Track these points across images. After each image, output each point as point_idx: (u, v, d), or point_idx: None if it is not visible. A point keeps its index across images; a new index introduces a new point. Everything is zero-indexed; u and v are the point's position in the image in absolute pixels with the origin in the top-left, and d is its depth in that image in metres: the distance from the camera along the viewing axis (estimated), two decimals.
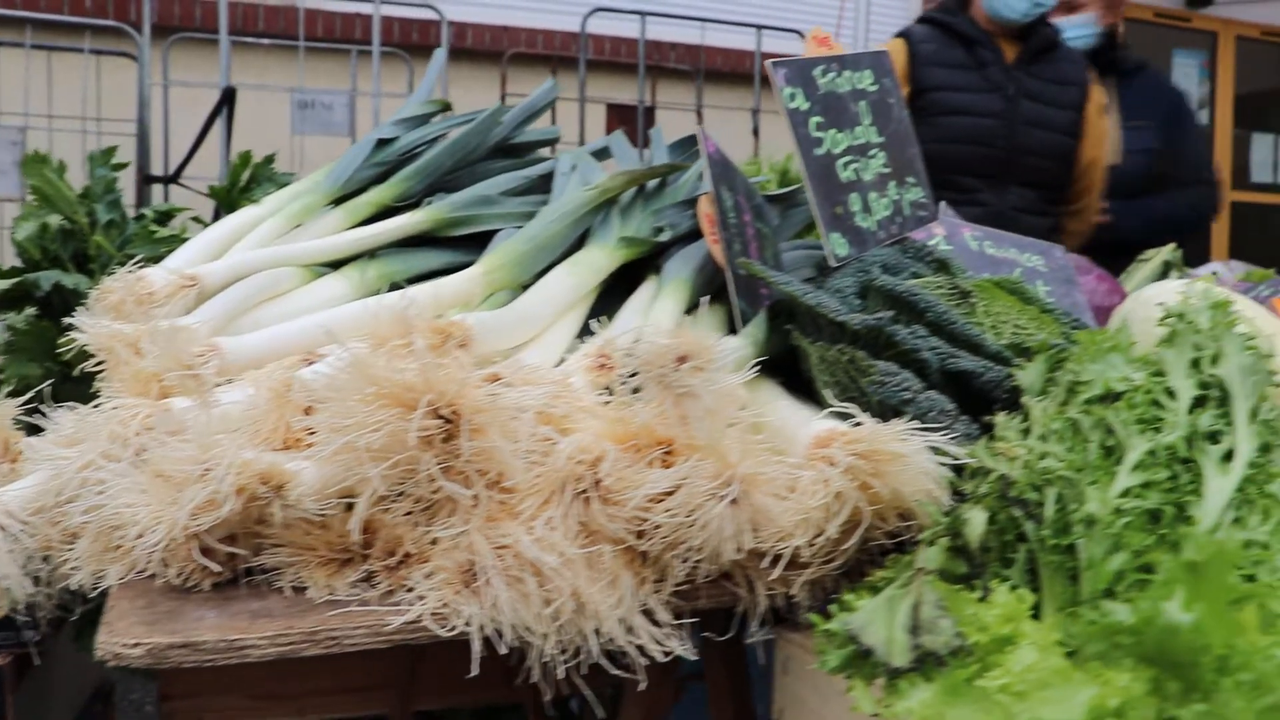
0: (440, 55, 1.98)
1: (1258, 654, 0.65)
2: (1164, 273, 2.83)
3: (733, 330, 1.29)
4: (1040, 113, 3.13)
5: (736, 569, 0.98)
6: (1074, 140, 3.21)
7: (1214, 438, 0.88)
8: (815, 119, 1.31)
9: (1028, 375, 1.05)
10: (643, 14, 4.39)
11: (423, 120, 1.80)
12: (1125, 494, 0.84)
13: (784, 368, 1.25)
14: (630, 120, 5.01)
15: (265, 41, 4.67)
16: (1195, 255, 7.74)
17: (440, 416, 0.90)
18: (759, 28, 4.64)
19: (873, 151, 1.40)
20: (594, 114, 5.05)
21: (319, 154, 4.86)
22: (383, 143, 1.66)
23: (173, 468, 0.93)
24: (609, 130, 5.08)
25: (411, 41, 5.27)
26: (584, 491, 0.91)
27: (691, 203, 1.46)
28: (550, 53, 5.29)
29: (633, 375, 0.85)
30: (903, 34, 3.16)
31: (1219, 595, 0.66)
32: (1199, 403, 0.90)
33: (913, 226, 1.45)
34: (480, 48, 5.46)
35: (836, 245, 1.30)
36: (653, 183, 1.54)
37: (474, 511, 0.93)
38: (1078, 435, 0.91)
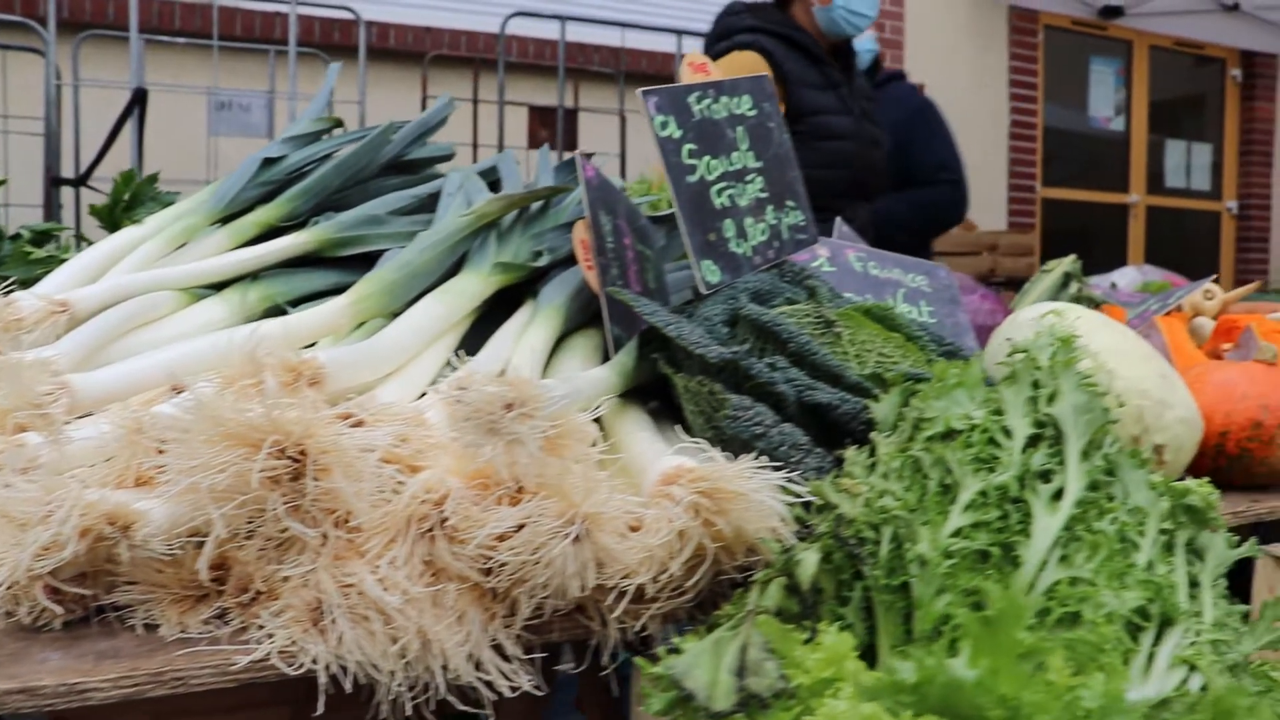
0: (333, 71, 1.97)
1: (1047, 707, 0.67)
2: (1064, 283, 2.88)
3: (609, 356, 1.30)
4: (874, 132, 3.17)
5: (589, 602, 0.99)
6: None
7: (1046, 476, 0.90)
8: (688, 146, 1.33)
9: (881, 408, 1.07)
10: (562, 18, 4.40)
11: (314, 137, 1.79)
12: (956, 534, 0.87)
13: (662, 393, 1.27)
14: (553, 123, 5.01)
15: (180, 40, 4.61)
16: (1113, 259, 7.93)
17: (287, 456, 0.90)
18: (679, 33, 4.66)
19: (750, 176, 1.41)
20: (516, 117, 5.04)
21: (238, 156, 4.81)
22: (269, 161, 1.65)
23: (16, 508, 0.92)
24: (531, 134, 5.08)
25: (332, 41, 5.22)
26: (429, 530, 0.92)
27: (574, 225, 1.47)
28: (473, 55, 5.26)
29: (464, 420, 0.86)
30: (754, 46, 2.98)
31: (1008, 650, 0.68)
32: (1033, 441, 0.93)
33: (791, 250, 1.47)
34: (402, 48, 5.42)
35: (707, 273, 1.31)
36: (536, 205, 1.54)
37: (322, 550, 0.93)
38: (918, 473, 0.93)
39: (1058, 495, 0.89)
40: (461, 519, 0.92)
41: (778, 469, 1.02)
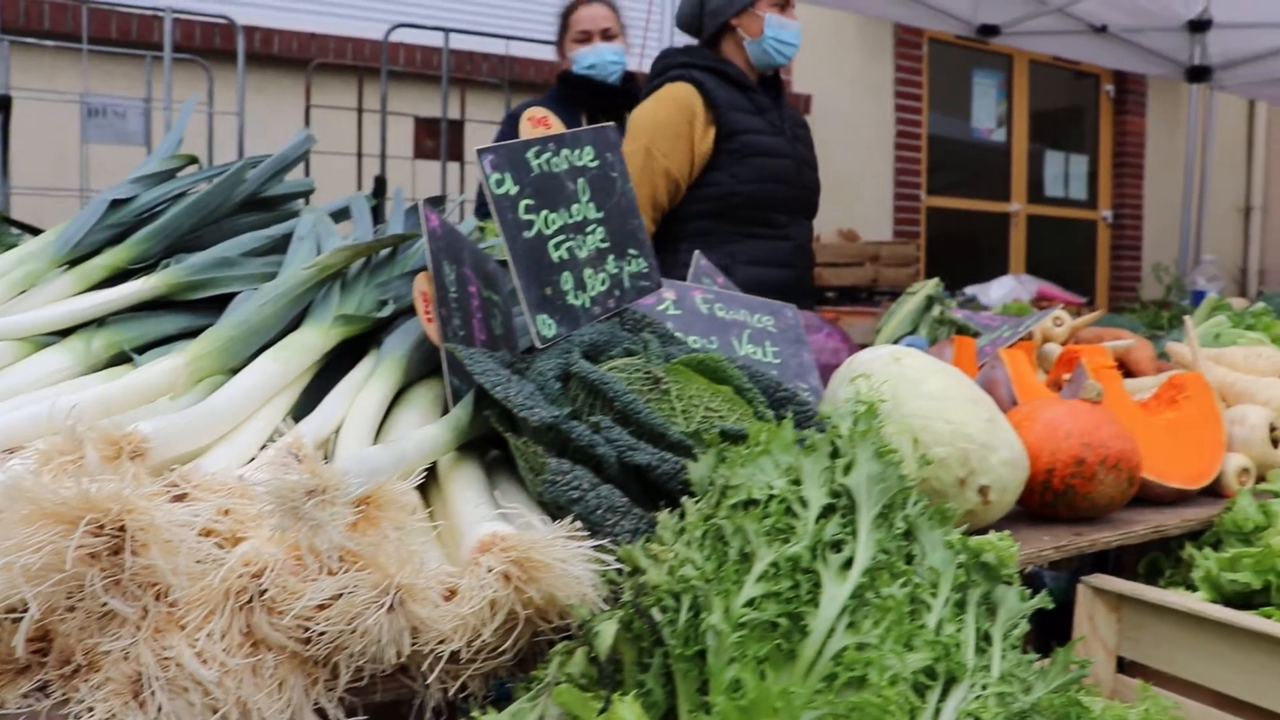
0: (190, 104, 1.96)
1: None
2: (928, 305, 2.98)
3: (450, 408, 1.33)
4: (807, 152, 3.37)
5: (410, 662, 1.02)
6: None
7: (838, 546, 0.95)
8: (525, 201, 1.36)
9: (697, 469, 1.11)
10: (446, 30, 4.39)
11: (167, 175, 1.78)
12: (750, 604, 0.91)
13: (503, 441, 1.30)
14: (439, 134, 4.99)
15: (49, 43, 4.49)
16: (995, 266, 8.12)
17: (105, 533, 0.91)
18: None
19: (591, 227, 1.45)
20: (402, 126, 5.02)
21: (113, 164, 4.72)
22: (118, 203, 1.64)
23: None
24: (416, 144, 5.07)
25: (213, 46, 5.13)
26: (248, 602, 0.94)
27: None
28: (358, 63, 5.21)
29: (268, 506, 0.88)
30: (684, 78, 3.20)
31: None
32: (829, 511, 0.98)
33: (633, 298, 1.51)
34: (286, 55, 5.35)
35: (543, 327, 1.35)
36: (385, 251, 1.56)
37: (143, 623, 0.94)
38: (720, 541, 0.98)
39: (848, 564, 0.94)
40: (279, 590, 0.94)
41: (593, 532, 1.07)
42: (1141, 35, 6.43)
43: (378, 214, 4.26)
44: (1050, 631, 1.65)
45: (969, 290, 6.07)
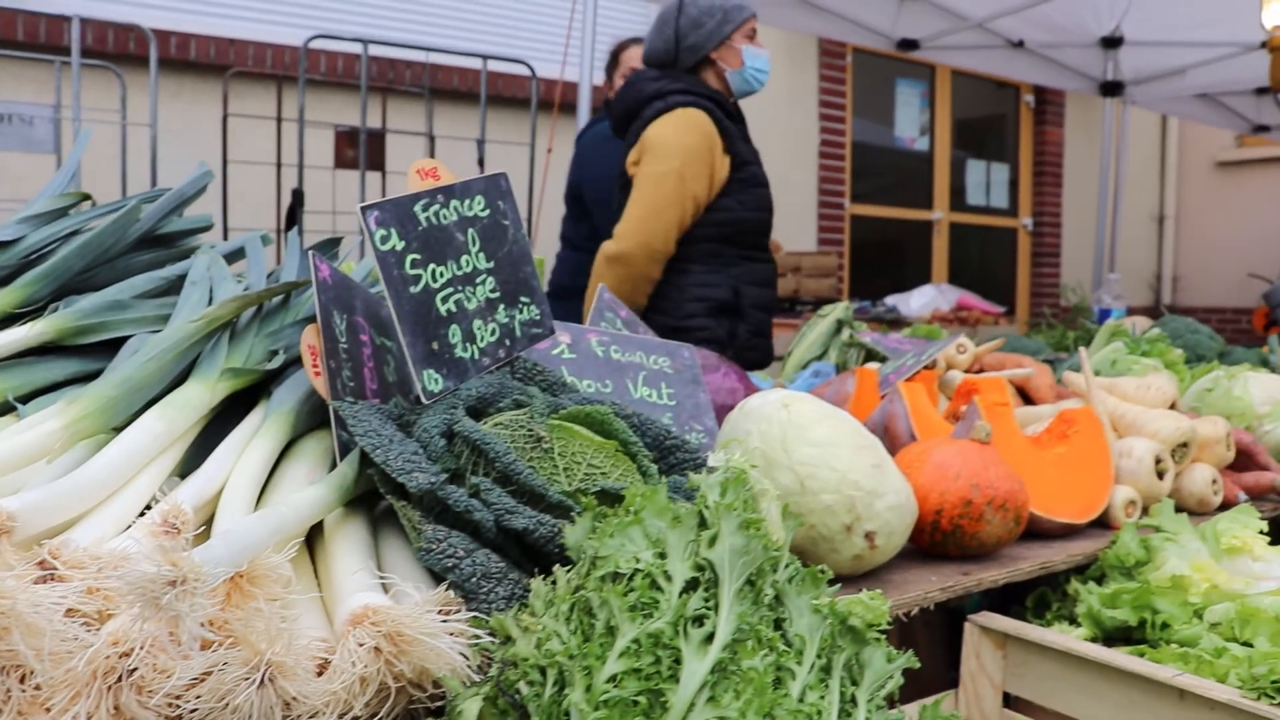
0: (84, 137, 1.93)
1: None
2: (837, 329, 3.02)
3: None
4: (764, 175, 3.45)
5: None
6: None
7: (700, 621, 0.97)
8: (411, 256, 1.36)
9: (573, 534, 1.12)
10: (365, 40, 4.36)
11: (60, 214, 1.76)
12: (612, 680, 0.93)
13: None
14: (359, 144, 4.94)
15: None
16: (918, 273, 8.23)
17: None
18: (485, 57, 4.68)
19: (481, 278, 1.46)
20: (323, 136, 4.97)
21: (22, 172, 4.64)
22: (3, 244, 1.62)
23: None
24: (337, 154, 5.03)
25: (127, 51, 5.05)
26: (117, 681, 0.94)
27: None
28: (277, 71, 5.16)
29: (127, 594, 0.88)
30: (700, 107, 3.31)
31: None
32: (693, 585, 1.00)
33: (524, 346, 1.52)
34: (203, 61, 5.28)
35: (429, 382, 1.35)
36: (278, 298, 1.56)
37: (5, 706, 0.94)
38: (588, 614, 0.99)
39: (709, 639, 0.96)
40: (149, 669, 0.94)
41: (469, 599, 1.08)
42: (1057, 51, 6.55)
43: (291, 218, 4.22)
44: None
45: (889, 300, 6.15)
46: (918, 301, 6.16)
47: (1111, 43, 6.54)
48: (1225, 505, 2.20)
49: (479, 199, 1.48)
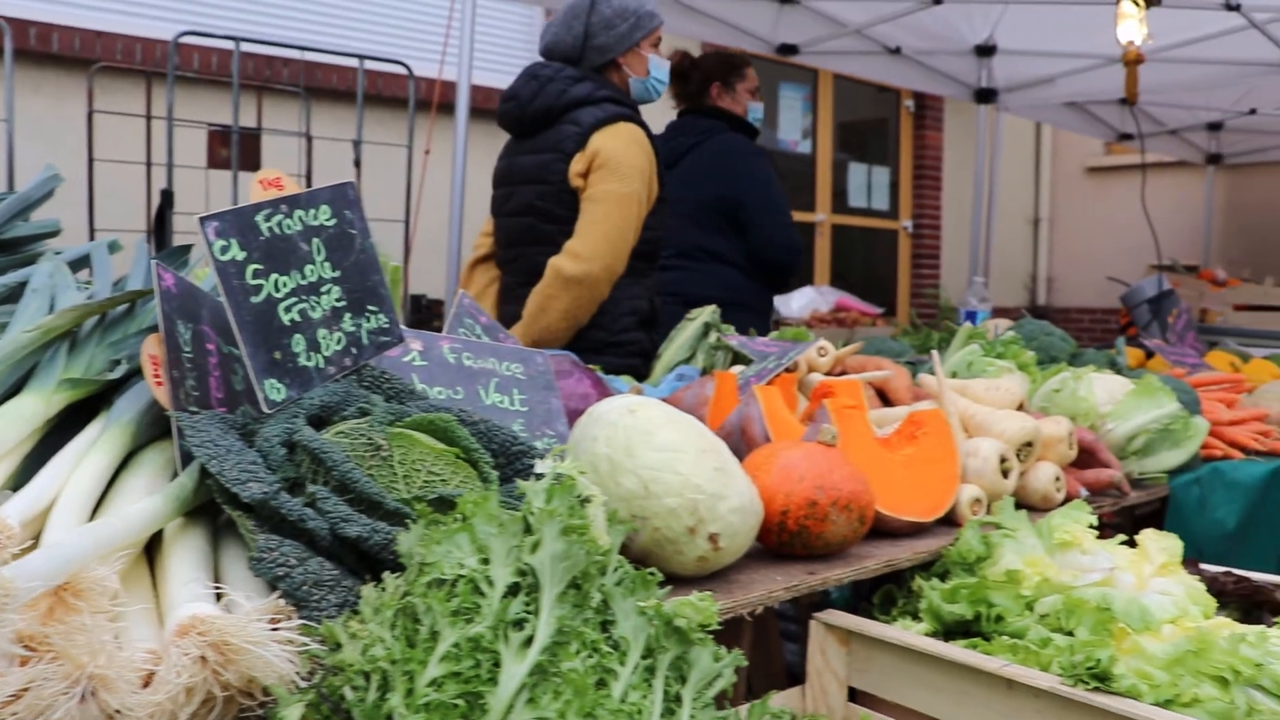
0: None
1: None
2: (705, 332, 3.07)
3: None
4: None
5: None
6: None
7: (520, 624, 1.00)
8: (253, 266, 1.36)
9: (406, 541, 1.14)
10: (237, 39, 4.28)
11: None
12: (433, 684, 0.95)
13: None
14: (240, 145, 4.84)
15: None
16: (800, 278, 8.28)
17: None
18: (361, 57, 4.63)
19: (326, 287, 1.46)
20: (196, 134, 4.86)
21: None
22: None
23: None
24: (210, 153, 4.93)
25: None
26: None
27: None
28: (147, 67, 5.04)
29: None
30: (637, 123, 3.29)
31: None
32: (514, 590, 1.02)
33: (372, 354, 1.53)
34: (67, 54, 5.12)
35: (271, 391, 1.36)
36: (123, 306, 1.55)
37: None
38: (413, 620, 1.01)
39: (529, 642, 0.99)
40: None
41: (301, 608, 1.09)
42: (933, 58, 6.70)
43: (161, 220, 4.12)
44: None
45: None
46: (797, 303, 6.26)
47: (985, 51, 6.71)
48: (1069, 501, 2.30)
49: (324, 208, 1.49)
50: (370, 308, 1.53)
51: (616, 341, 3.27)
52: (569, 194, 3.18)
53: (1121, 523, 2.71)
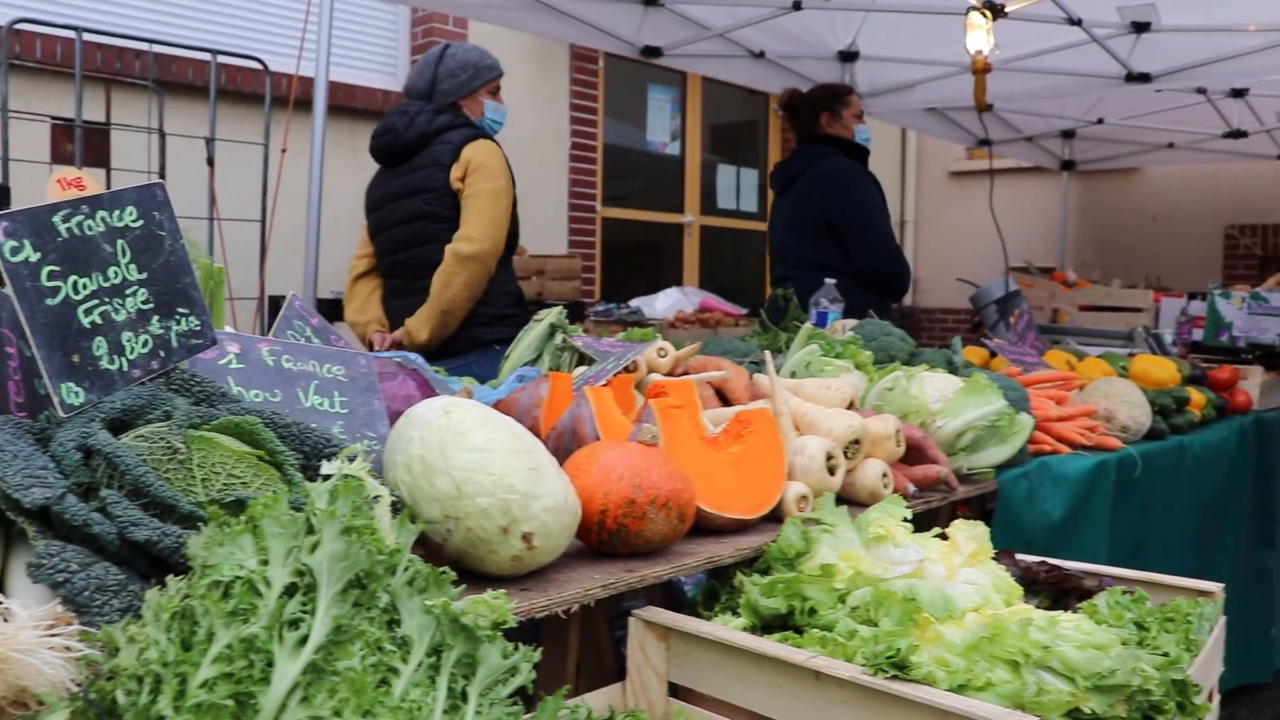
0: None
1: None
2: (551, 333, 3.09)
3: None
4: None
5: None
6: None
7: (296, 624, 1.01)
8: (49, 268, 1.34)
9: (195, 545, 1.14)
10: (78, 29, 4.17)
11: None
12: (204, 686, 0.95)
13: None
14: (86, 140, 4.71)
15: None
16: (671, 275, 8.38)
17: None
18: (214, 52, 4.55)
19: (131, 290, 1.45)
20: (38, 128, 4.71)
21: None
22: None
23: None
24: (54, 149, 4.79)
25: None
26: None
27: None
28: None
29: None
30: (493, 140, 4.11)
31: None
32: (292, 590, 1.03)
33: (182, 357, 1.51)
34: None
35: (68, 395, 1.34)
36: None
37: None
38: (193, 622, 1.01)
39: (304, 641, 1.00)
40: None
41: (82, 614, 1.08)
42: (797, 62, 6.82)
43: None
44: None
45: (634, 303, 6.29)
46: (662, 304, 6.33)
47: (848, 56, 6.85)
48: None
49: (130, 210, 1.47)
50: (180, 310, 1.52)
51: (503, 315, 4.09)
52: (451, 196, 3.95)
53: (974, 515, 2.82)
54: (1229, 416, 4.30)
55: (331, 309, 4.91)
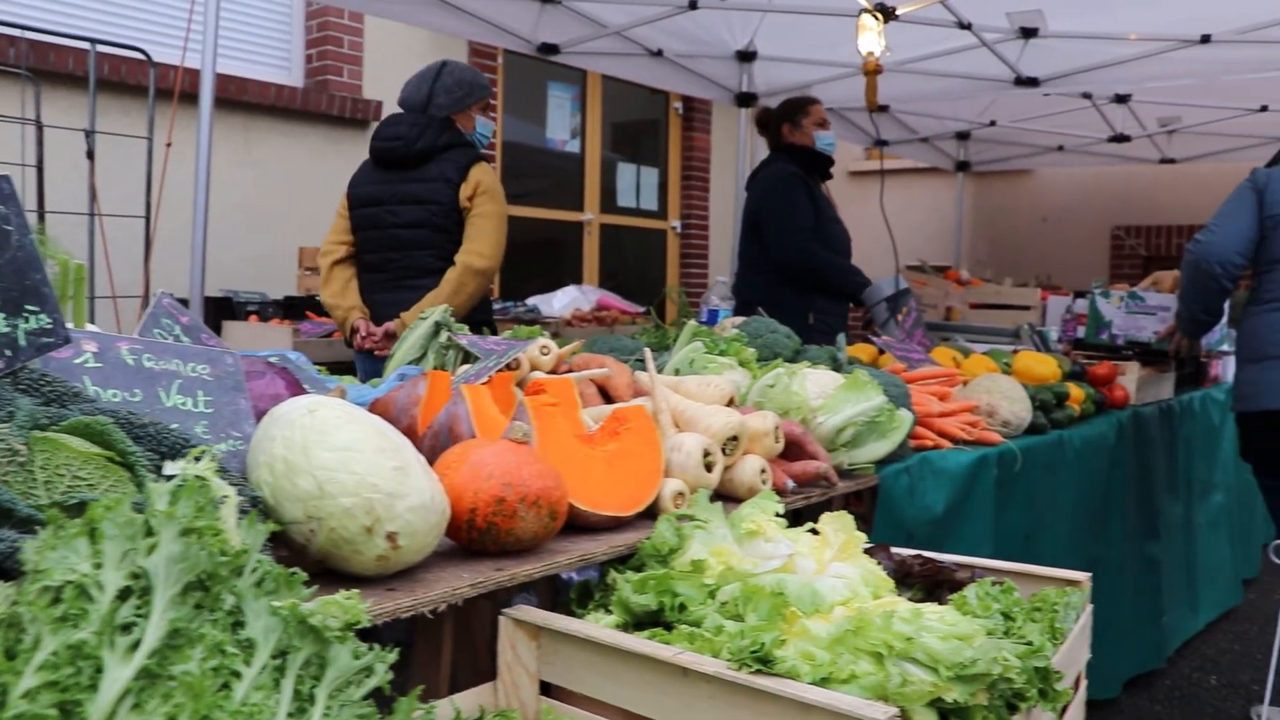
0: None
1: None
2: (436, 331, 3.07)
3: None
4: None
5: None
6: None
7: (129, 629, 0.99)
8: None
9: (28, 549, 1.11)
10: None
11: None
12: (26, 695, 0.93)
13: None
14: None
15: None
16: (571, 273, 8.37)
17: None
18: (94, 41, 4.43)
19: None
20: None
21: None
22: None
23: None
24: None
25: None
26: None
27: None
28: None
29: None
30: (488, 162, 4.65)
31: None
32: (127, 594, 1.01)
33: (32, 355, 1.47)
34: None
35: None
36: None
37: None
38: (19, 630, 0.99)
39: (137, 645, 0.98)
40: None
41: None
42: (695, 61, 6.85)
43: None
44: None
45: (531, 301, 6.27)
46: (559, 302, 6.32)
47: (746, 56, 6.91)
48: (778, 492, 2.40)
49: None
50: (29, 307, 1.48)
51: (471, 315, 4.40)
52: (456, 212, 4.32)
53: (867, 510, 2.86)
54: (1108, 411, 4.42)
55: (220, 307, 4.82)
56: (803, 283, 5.13)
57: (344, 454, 1.55)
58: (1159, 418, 4.83)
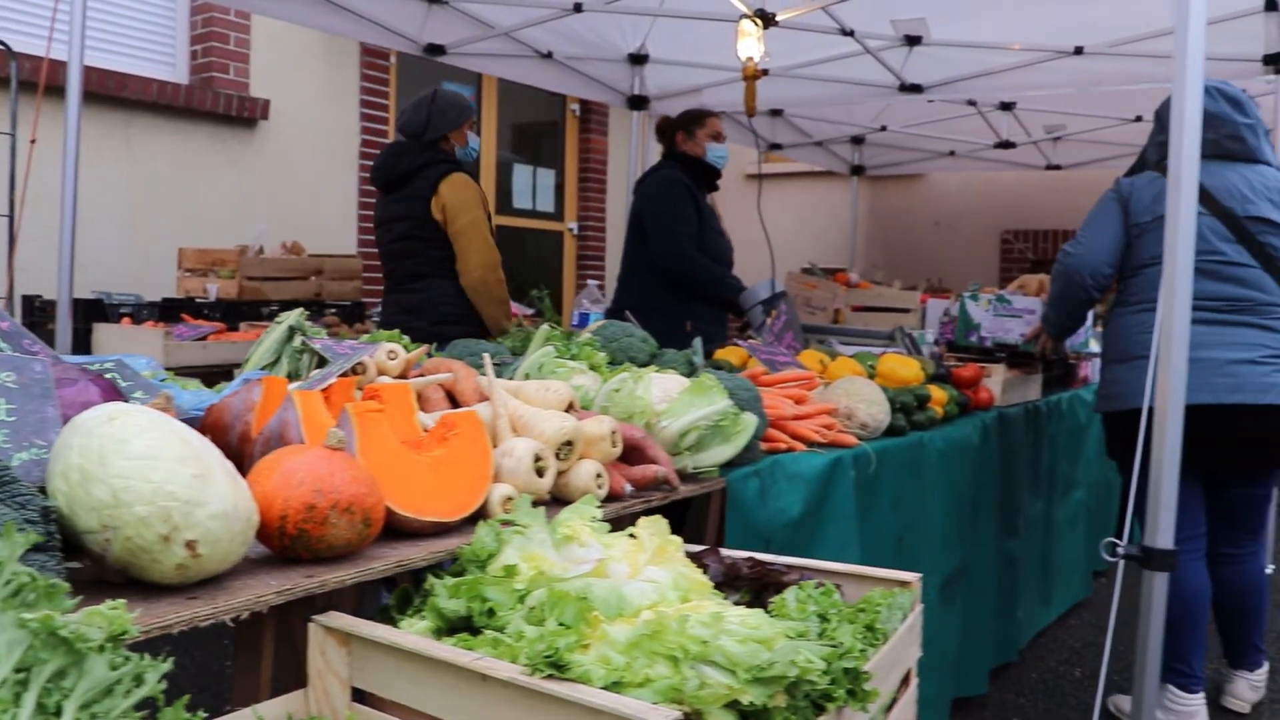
0: None
1: None
2: (290, 335, 3.06)
3: None
4: None
5: None
6: None
7: None
8: None
9: None
10: None
11: None
12: None
13: None
14: None
15: None
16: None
17: None
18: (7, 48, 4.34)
19: None
20: None
21: None
22: None
23: None
24: None
25: None
26: None
27: None
28: None
29: None
30: (464, 171, 5.08)
31: None
32: None
33: None
34: None
35: None
36: None
37: None
38: None
39: None
40: None
41: None
42: (587, 64, 6.89)
43: None
44: None
45: None
46: None
47: (638, 59, 6.96)
48: (614, 497, 2.45)
49: None
50: None
51: (466, 314, 4.93)
52: (432, 223, 4.87)
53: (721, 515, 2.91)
54: (972, 413, 4.53)
55: (90, 309, 4.74)
56: (682, 289, 5.27)
57: (142, 462, 1.56)
58: (1025, 418, 4.96)
